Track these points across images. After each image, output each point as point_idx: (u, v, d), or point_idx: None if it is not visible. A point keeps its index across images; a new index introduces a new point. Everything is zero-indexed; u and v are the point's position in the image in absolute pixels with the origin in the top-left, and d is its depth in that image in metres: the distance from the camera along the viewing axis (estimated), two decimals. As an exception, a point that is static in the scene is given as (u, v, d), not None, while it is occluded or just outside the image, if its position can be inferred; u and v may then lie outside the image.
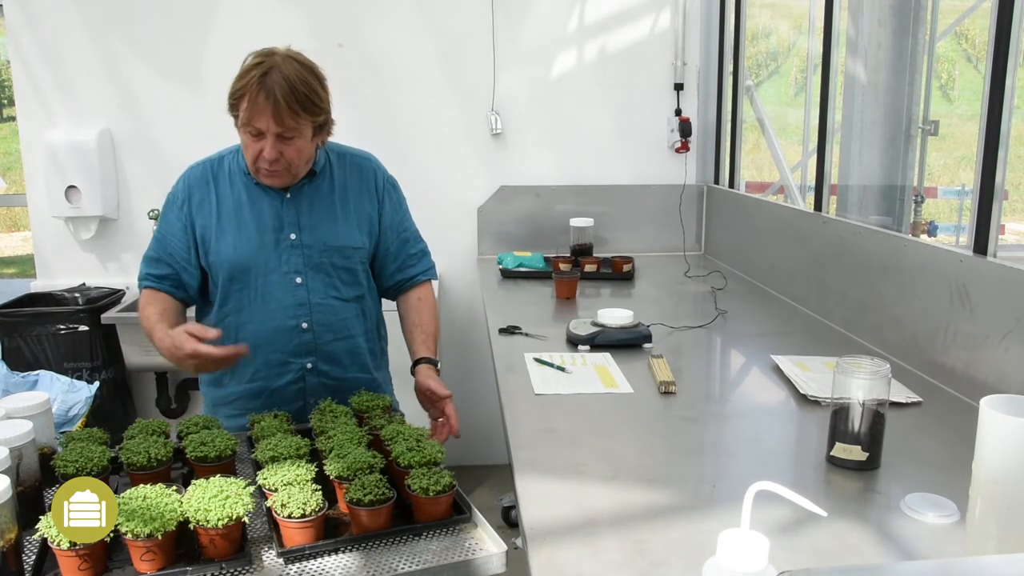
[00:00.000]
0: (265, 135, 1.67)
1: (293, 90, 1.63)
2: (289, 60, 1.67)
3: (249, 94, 1.64)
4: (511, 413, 1.66)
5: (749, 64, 4.42)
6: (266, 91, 1.62)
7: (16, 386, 2.06)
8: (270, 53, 1.68)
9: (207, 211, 1.82)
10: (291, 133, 1.67)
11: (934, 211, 7.31)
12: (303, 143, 1.71)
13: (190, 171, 1.87)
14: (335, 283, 1.86)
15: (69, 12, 3.24)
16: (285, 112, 1.63)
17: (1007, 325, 1.58)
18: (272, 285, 1.82)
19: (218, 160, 1.86)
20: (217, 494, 1.20)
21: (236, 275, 1.81)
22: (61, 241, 3.40)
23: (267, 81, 1.62)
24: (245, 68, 1.67)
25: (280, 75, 1.63)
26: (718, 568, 0.80)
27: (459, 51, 3.40)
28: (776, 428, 1.66)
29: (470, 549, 1.26)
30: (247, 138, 1.71)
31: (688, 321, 2.33)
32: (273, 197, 1.82)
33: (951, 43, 10.90)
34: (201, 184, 1.83)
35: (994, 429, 0.99)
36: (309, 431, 1.60)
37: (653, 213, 3.51)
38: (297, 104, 1.64)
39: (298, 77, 1.65)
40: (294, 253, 1.82)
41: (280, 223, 1.82)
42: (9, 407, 1.43)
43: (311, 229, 1.83)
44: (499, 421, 1.69)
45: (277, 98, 1.62)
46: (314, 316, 1.84)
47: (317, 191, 1.84)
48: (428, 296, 2.00)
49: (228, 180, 1.83)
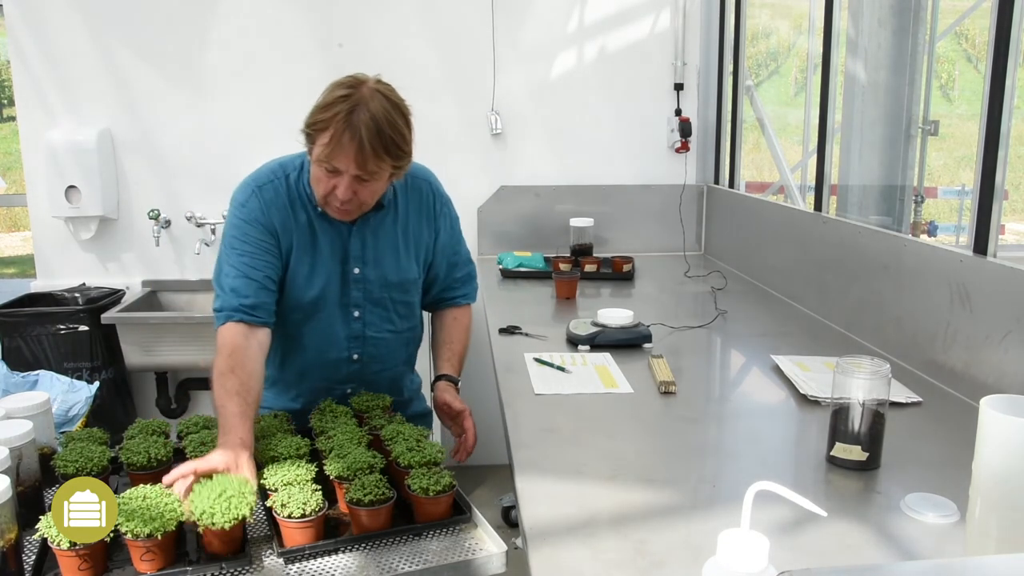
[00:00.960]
0: (343, 174, 1.56)
1: (380, 132, 1.51)
2: (377, 96, 1.54)
3: (334, 130, 1.51)
4: (511, 413, 1.66)
5: (749, 64, 4.43)
6: (351, 131, 1.50)
7: (16, 386, 2.06)
8: (358, 83, 1.56)
9: (288, 232, 1.69)
10: (370, 177, 1.57)
11: (934, 211, 7.31)
12: (379, 185, 1.62)
13: (260, 189, 1.69)
14: (391, 317, 1.80)
15: (69, 12, 3.24)
16: (369, 156, 1.52)
17: (1007, 325, 1.58)
18: (332, 317, 1.75)
19: (284, 178, 1.71)
20: (221, 494, 1.20)
21: (303, 304, 1.72)
22: (61, 241, 3.40)
23: (353, 119, 1.50)
24: (330, 100, 1.54)
25: (368, 114, 1.51)
26: (718, 568, 0.80)
27: (459, 51, 3.40)
28: (776, 428, 1.66)
29: (470, 549, 1.26)
30: (321, 172, 1.58)
31: (688, 321, 2.33)
32: (340, 227, 1.72)
33: (951, 43, 10.90)
34: (279, 205, 1.69)
35: (994, 429, 0.99)
36: (309, 431, 1.60)
37: (653, 213, 3.51)
38: (382, 149, 1.52)
39: (386, 118, 1.53)
40: (356, 287, 1.75)
41: (346, 255, 1.73)
42: (9, 407, 1.43)
43: (374, 264, 1.75)
44: (499, 421, 1.69)
45: (363, 141, 1.50)
46: (366, 349, 1.78)
47: (382, 224, 1.75)
48: (464, 317, 1.93)
49: (300, 203, 1.70)
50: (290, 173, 1.72)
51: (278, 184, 1.70)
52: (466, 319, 1.94)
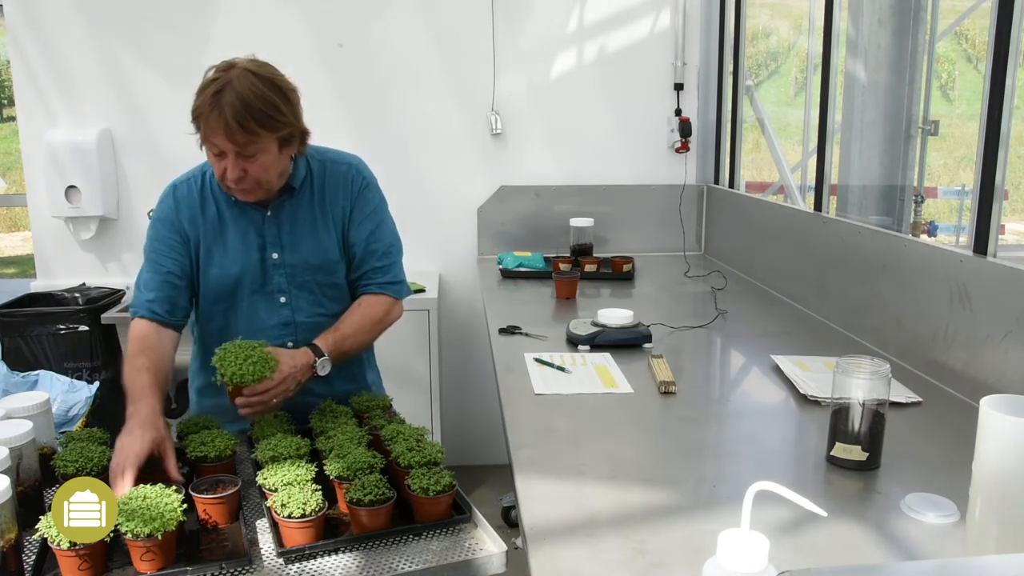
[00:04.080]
0: (226, 154, 1.62)
1: (247, 106, 1.56)
2: (246, 74, 1.59)
3: (203, 112, 1.58)
4: (511, 413, 1.66)
5: (749, 64, 4.42)
6: (219, 110, 1.56)
7: (16, 386, 2.06)
8: (228, 67, 1.62)
9: (196, 228, 1.76)
10: (250, 151, 1.61)
11: (934, 211, 7.31)
12: (268, 159, 1.64)
13: (175, 188, 1.80)
14: (320, 300, 1.82)
15: (69, 12, 3.24)
16: (237, 130, 1.57)
17: (1007, 325, 1.58)
18: (257, 305, 1.78)
19: (200, 175, 1.80)
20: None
21: (222, 295, 1.78)
22: (61, 241, 3.40)
23: (220, 99, 1.56)
24: (202, 85, 1.61)
25: (233, 93, 1.56)
26: (718, 568, 0.80)
27: (459, 51, 3.40)
28: (776, 428, 1.66)
29: (470, 549, 1.26)
30: (211, 156, 1.66)
31: (688, 321, 2.33)
32: (254, 215, 1.77)
33: (951, 43, 10.90)
34: (189, 201, 1.77)
35: (994, 429, 0.99)
36: (309, 431, 1.60)
37: (653, 213, 3.51)
38: (253, 122, 1.57)
39: (254, 92, 1.57)
40: (277, 273, 1.78)
41: (263, 241, 1.77)
42: (9, 407, 1.43)
43: (292, 248, 1.78)
44: (499, 421, 1.69)
45: (227, 118, 1.55)
46: (299, 335, 1.79)
47: (297, 207, 1.79)
48: (373, 306, 1.82)
49: (212, 197, 1.78)
50: (207, 171, 1.79)
51: (192, 182, 1.80)
52: (374, 310, 1.82)
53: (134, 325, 1.73)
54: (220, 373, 1.54)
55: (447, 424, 3.26)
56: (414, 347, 3.13)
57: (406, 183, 2.01)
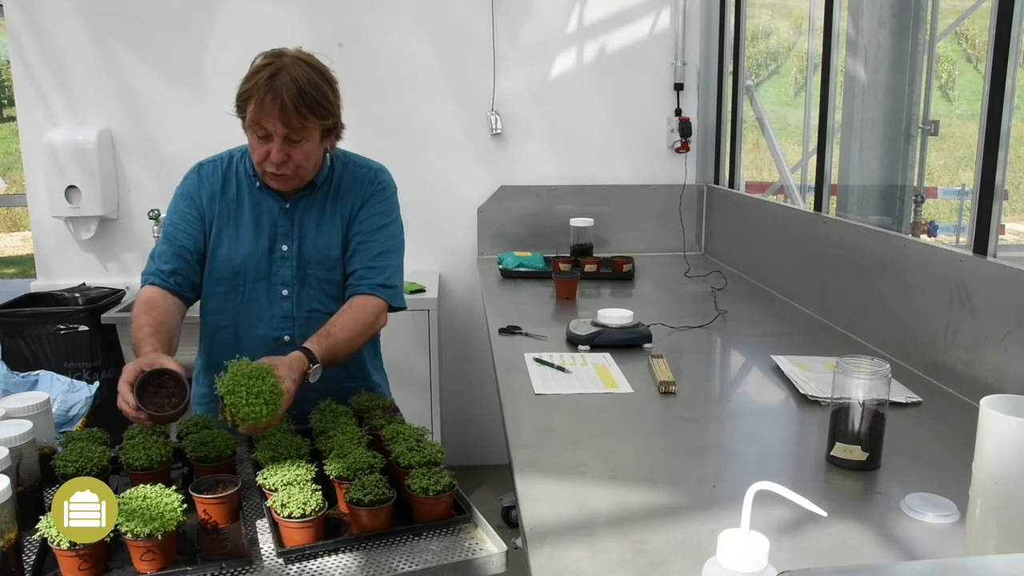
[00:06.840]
0: (272, 137, 1.65)
1: (301, 92, 1.61)
2: (299, 62, 1.65)
3: (257, 95, 1.62)
4: (511, 413, 1.66)
5: (749, 64, 4.43)
6: (274, 92, 1.60)
7: (16, 386, 2.05)
8: (279, 54, 1.66)
9: (213, 206, 1.80)
10: (299, 135, 1.66)
11: (934, 211, 7.31)
12: (311, 146, 1.70)
13: (201, 167, 1.85)
14: (320, 296, 1.83)
15: (69, 12, 3.24)
16: (292, 114, 1.61)
17: (1007, 325, 1.58)
18: (258, 294, 1.80)
19: (227, 158, 1.85)
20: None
21: (225, 277, 1.80)
22: (61, 241, 3.40)
23: (275, 82, 1.61)
24: (254, 69, 1.65)
25: (289, 77, 1.61)
26: (718, 568, 0.80)
27: (459, 51, 3.40)
28: (776, 428, 1.66)
29: (470, 549, 1.26)
30: (254, 140, 1.69)
31: (688, 321, 2.33)
32: (272, 205, 1.80)
33: (951, 43, 10.90)
34: (212, 179, 1.82)
35: (994, 429, 0.99)
36: (309, 431, 1.60)
37: (653, 213, 3.51)
38: (305, 107, 1.62)
39: (307, 79, 1.63)
40: (284, 264, 1.80)
41: (275, 232, 1.80)
42: (9, 407, 1.43)
43: (302, 241, 1.80)
44: (499, 421, 1.69)
45: (284, 100, 1.60)
46: (297, 329, 1.80)
47: (314, 202, 1.82)
48: (364, 307, 1.76)
49: (235, 180, 1.82)
50: (235, 155, 1.85)
51: (219, 163, 1.85)
52: (364, 313, 1.76)
53: (142, 291, 1.75)
54: (231, 411, 1.41)
55: (447, 424, 3.26)
56: (414, 347, 3.13)
57: (406, 183, 2.01)
